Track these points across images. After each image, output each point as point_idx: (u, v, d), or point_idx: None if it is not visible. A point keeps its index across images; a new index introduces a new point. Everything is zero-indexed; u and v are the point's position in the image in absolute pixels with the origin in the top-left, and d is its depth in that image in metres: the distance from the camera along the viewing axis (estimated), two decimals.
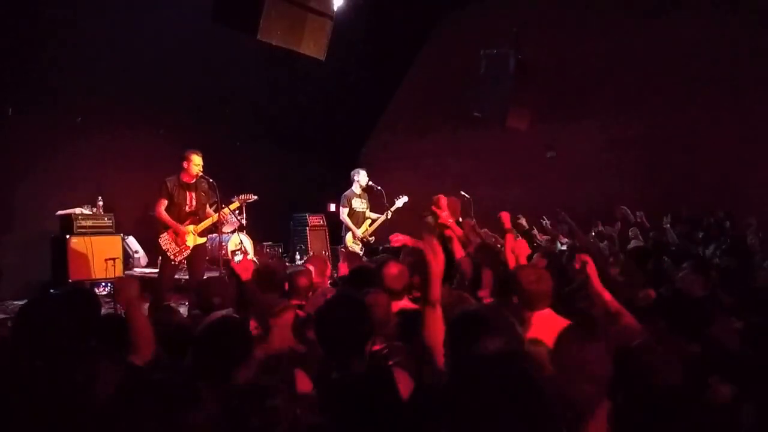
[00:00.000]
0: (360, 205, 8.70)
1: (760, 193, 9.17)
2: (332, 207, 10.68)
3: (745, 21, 9.51)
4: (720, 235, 7.52)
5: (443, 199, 5.96)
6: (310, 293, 4.30)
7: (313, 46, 7.71)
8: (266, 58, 8.64)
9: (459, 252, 4.92)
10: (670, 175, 10.05)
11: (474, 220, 7.48)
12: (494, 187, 11.09)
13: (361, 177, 8.70)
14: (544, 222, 8.74)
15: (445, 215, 5.45)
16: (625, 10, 10.44)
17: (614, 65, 10.63)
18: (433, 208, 5.71)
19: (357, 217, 8.63)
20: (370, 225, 8.68)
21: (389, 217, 8.54)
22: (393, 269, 3.71)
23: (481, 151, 11.94)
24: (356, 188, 8.69)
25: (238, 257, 7.96)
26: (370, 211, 8.85)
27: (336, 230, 9.42)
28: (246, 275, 3.73)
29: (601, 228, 8.03)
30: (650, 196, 9.77)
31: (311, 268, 4.70)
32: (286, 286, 4.26)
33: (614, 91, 10.71)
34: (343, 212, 8.58)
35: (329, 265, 5.32)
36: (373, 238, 8.65)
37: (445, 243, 4.90)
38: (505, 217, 4.80)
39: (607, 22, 10.66)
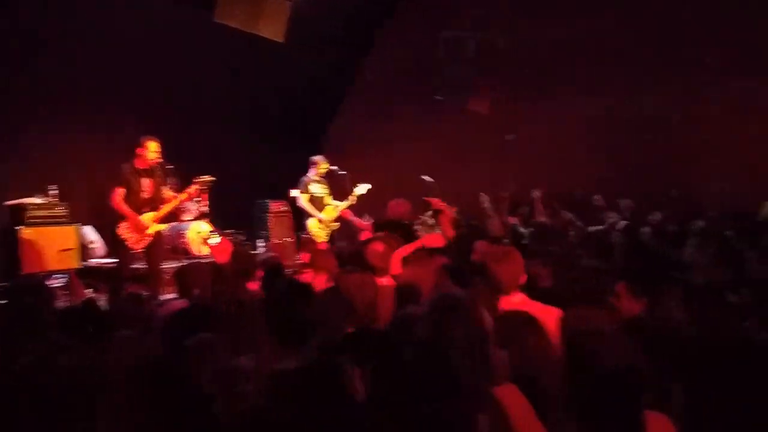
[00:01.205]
0: (319, 190, 8.61)
1: (712, 173, 9.45)
2: (293, 193, 10.56)
3: (700, 6, 9.71)
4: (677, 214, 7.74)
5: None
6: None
7: (272, 28, 7.60)
8: (225, 41, 8.46)
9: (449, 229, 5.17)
10: (629, 156, 10.26)
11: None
12: (456, 170, 11.11)
13: (319, 163, 8.62)
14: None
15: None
16: None
17: (574, 48, 10.72)
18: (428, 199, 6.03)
19: (316, 203, 8.55)
20: (334, 210, 8.59)
21: (352, 203, 8.49)
22: (378, 246, 3.84)
23: (444, 133, 11.94)
24: (314, 174, 8.60)
25: (214, 239, 7.76)
26: (334, 198, 8.77)
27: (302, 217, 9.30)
28: (222, 258, 3.71)
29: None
30: (609, 177, 9.95)
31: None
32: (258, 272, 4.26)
33: (574, 74, 10.81)
34: (302, 198, 8.48)
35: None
36: (338, 224, 8.59)
37: None
38: (435, 202, 5.13)
39: (568, 6, 10.73)
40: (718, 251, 4.20)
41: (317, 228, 8.44)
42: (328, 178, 8.82)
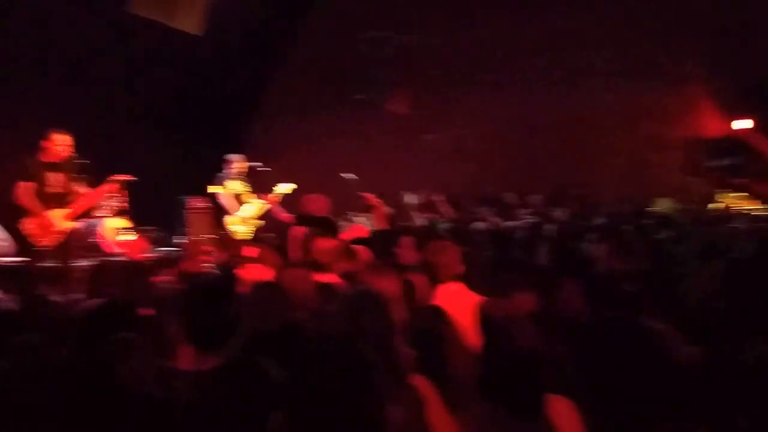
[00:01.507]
0: (240, 187, 8.49)
1: (609, 172, 10.34)
2: (212, 189, 10.37)
3: (608, 15, 10.38)
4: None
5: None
6: None
7: (189, 21, 7.47)
8: (143, 34, 8.22)
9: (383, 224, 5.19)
10: (540, 157, 10.83)
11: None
12: (377, 169, 11.28)
13: (236, 160, 8.50)
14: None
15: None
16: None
17: (491, 51, 11.15)
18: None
19: (237, 200, 8.43)
20: (256, 207, 8.48)
21: (274, 201, 8.44)
22: (324, 243, 3.83)
23: (365, 132, 12.09)
24: (232, 171, 8.47)
25: (124, 236, 7.49)
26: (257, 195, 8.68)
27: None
28: (137, 255, 3.64)
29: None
30: (522, 177, 10.46)
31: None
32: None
33: (491, 76, 11.24)
34: (221, 195, 8.35)
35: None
36: (263, 221, 8.51)
37: None
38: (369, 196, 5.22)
39: (486, 9, 11.12)
40: (615, 245, 4.50)
41: (238, 225, 8.34)
42: (251, 175, 8.73)
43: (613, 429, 1.66)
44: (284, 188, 8.52)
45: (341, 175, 8.87)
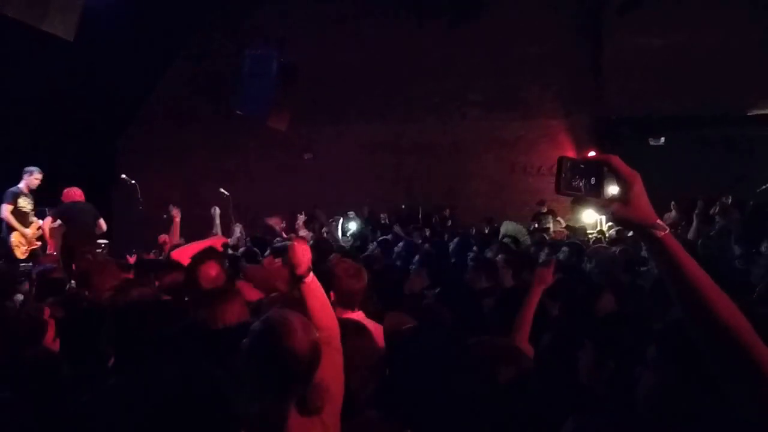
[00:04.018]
0: (27, 204, 7.68)
1: (474, 193, 11.11)
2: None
3: (480, 48, 11.17)
4: (444, 229, 8.74)
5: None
6: None
7: (60, 25, 7.08)
8: (9, 36, 7.72)
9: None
10: (411, 177, 11.42)
11: None
12: (255, 185, 11.29)
13: (33, 175, 7.74)
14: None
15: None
16: (384, 20, 11.55)
17: (369, 75, 11.56)
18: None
19: (23, 218, 7.61)
20: (38, 229, 7.72)
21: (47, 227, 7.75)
22: (211, 270, 3.50)
23: (242, 148, 12.06)
24: (24, 186, 7.65)
25: None
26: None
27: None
28: None
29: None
30: (396, 195, 10.94)
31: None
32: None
33: (368, 101, 11.66)
34: (6, 209, 7.47)
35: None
36: (40, 243, 7.84)
37: None
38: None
39: (366, 34, 11.56)
40: (474, 263, 4.84)
41: (19, 242, 7.52)
42: (120, 186, 8.22)
43: None
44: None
45: (220, 190, 8.79)
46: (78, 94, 10.43)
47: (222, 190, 8.93)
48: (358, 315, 2.89)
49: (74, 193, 7.43)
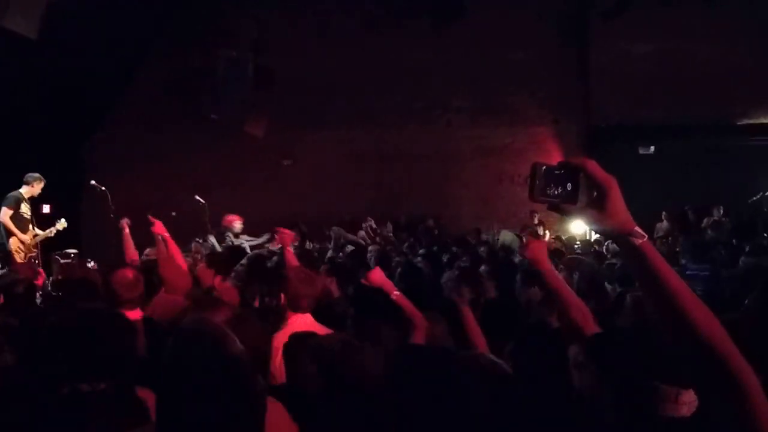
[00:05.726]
0: (27, 210, 7.69)
1: (461, 202, 10.88)
2: (45, 208, 9.39)
3: (466, 56, 10.92)
4: (431, 239, 8.44)
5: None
6: None
7: (23, 22, 6.72)
8: None
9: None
10: (393, 186, 11.12)
11: None
12: (231, 192, 10.89)
13: (35, 182, 7.71)
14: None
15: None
16: (365, 28, 11.22)
17: (349, 80, 11.25)
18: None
19: (23, 224, 7.57)
20: (34, 237, 7.72)
21: (50, 235, 7.71)
22: (127, 274, 3.37)
23: (218, 154, 11.64)
24: (26, 191, 7.66)
25: None
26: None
27: (59, 235, 8.19)
28: None
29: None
30: (378, 203, 10.63)
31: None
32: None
33: (349, 107, 11.35)
34: (5, 213, 7.44)
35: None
36: (36, 252, 7.73)
37: None
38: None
39: (346, 38, 11.26)
40: (459, 275, 4.63)
41: (18, 248, 7.50)
42: (91, 195, 7.95)
43: None
44: (60, 226, 7.75)
45: (195, 197, 8.44)
46: (42, 95, 10.00)
47: (197, 197, 8.59)
48: (307, 318, 3.08)
49: None
